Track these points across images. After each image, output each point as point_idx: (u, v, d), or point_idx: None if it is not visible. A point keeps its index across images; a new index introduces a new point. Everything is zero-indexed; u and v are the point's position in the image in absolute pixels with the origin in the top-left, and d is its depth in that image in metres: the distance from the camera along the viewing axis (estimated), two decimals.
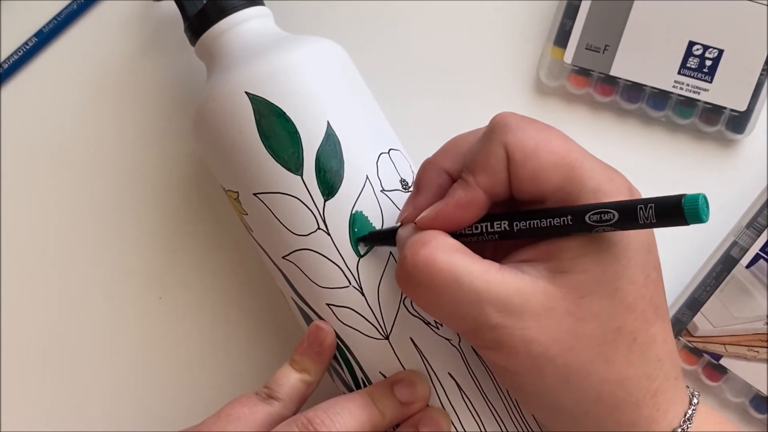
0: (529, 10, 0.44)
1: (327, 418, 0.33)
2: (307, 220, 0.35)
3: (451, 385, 0.35)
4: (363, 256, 0.35)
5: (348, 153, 0.36)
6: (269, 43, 0.38)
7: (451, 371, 0.35)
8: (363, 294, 0.35)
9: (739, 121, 0.42)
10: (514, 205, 0.32)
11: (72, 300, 0.45)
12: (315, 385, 0.37)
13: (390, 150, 0.37)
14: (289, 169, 0.35)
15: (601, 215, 0.28)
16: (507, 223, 0.31)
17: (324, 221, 0.35)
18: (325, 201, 0.35)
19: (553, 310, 0.30)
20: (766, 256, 0.41)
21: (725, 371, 0.42)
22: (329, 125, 0.36)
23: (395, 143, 0.38)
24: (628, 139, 0.44)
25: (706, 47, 0.42)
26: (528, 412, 0.36)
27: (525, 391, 0.32)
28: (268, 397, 0.36)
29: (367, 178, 0.36)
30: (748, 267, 0.41)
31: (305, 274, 0.36)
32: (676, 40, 0.42)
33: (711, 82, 0.42)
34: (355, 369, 0.36)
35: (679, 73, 0.42)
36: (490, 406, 0.36)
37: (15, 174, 0.45)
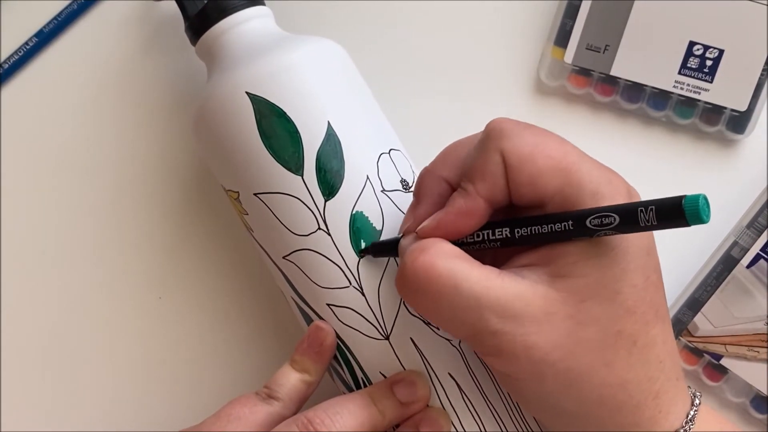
0: (529, 10, 0.44)
1: (327, 418, 0.33)
2: (307, 220, 0.35)
3: (451, 386, 0.35)
4: (363, 257, 0.35)
5: (348, 153, 0.36)
6: (270, 43, 0.38)
7: (451, 371, 0.35)
8: (363, 294, 0.35)
9: (740, 121, 0.42)
10: (513, 210, 0.32)
11: (72, 300, 0.45)
12: (315, 385, 0.37)
13: (390, 150, 0.37)
14: (289, 169, 0.35)
15: (602, 219, 0.28)
16: (508, 230, 0.31)
17: (324, 221, 0.35)
18: (326, 201, 0.35)
19: (553, 315, 0.29)
20: (766, 256, 0.41)
21: (726, 371, 0.42)
22: (330, 125, 0.36)
23: (396, 143, 0.38)
24: (629, 139, 0.44)
25: (706, 47, 0.42)
26: (528, 413, 0.36)
27: (526, 396, 0.32)
28: (268, 397, 0.36)
29: (368, 178, 0.36)
30: (748, 267, 0.41)
31: (305, 274, 0.36)
32: (677, 40, 0.42)
33: (711, 82, 0.42)
34: (355, 369, 0.36)
35: (679, 73, 0.42)
36: (490, 407, 0.36)
37: (15, 174, 0.45)
